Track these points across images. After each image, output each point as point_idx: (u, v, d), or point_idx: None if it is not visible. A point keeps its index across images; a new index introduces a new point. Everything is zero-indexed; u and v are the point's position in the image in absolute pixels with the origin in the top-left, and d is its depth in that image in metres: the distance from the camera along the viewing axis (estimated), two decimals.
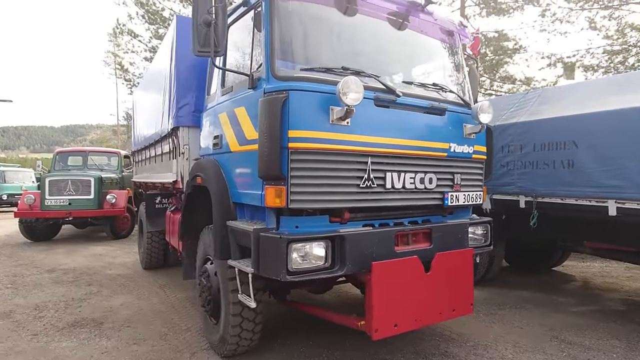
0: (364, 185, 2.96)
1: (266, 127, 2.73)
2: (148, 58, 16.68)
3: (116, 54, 53.49)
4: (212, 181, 3.45)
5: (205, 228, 3.89)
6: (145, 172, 7.12)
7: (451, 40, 3.89)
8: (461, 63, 3.92)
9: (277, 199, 2.74)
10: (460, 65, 3.91)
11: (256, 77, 3.00)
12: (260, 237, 2.78)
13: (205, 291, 3.76)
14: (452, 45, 3.90)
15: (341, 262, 2.82)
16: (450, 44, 3.88)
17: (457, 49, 3.93)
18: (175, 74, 4.60)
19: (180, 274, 6.77)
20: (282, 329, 4.28)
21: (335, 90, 2.69)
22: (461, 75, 3.89)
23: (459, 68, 3.90)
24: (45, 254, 8.81)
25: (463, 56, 3.98)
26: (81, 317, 4.81)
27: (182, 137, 4.55)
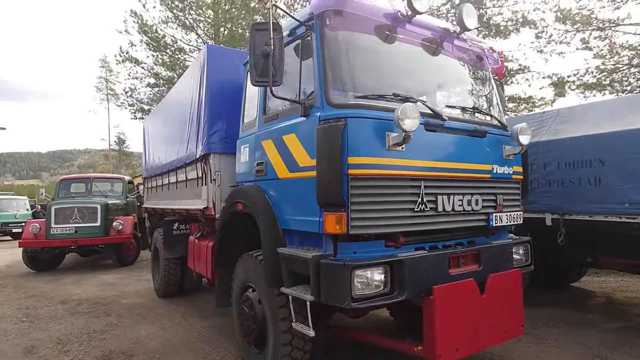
0: (417, 209, 2.98)
1: (325, 154, 2.76)
2: (151, 84, 16.81)
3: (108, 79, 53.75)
4: (259, 208, 3.44)
5: (245, 255, 3.86)
6: (162, 198, 7.06)
7: (483, 64, 4.01)
8: (493, 86, 4.03)
9: (337, 225, 2.74)
10: (492, 88, 4.02)
11: (308, 104, 3.05)
12: (321, 264, 2.77)
13: (247, 320, 3.69)
14: (484, 69, 4.01)
15: (400, 287, 2.82)
16: (482, 68, 4.00)
17: (488, 73, 4.04)
18: (206, 101, 4.64)
19: (199, 301, 6.73)
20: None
21: (393, 117, 2.75)
22: (494, 97, 3.99)
23: (491, 91, 4.00)
24: (53, 284, 8.59)
25: (494, 79, 4.09)
26: (108, 350, 4.67)
27: (214, 164, 4.55)
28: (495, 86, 4.08)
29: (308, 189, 2.97)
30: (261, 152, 3.62)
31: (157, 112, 7.88)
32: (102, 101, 51.13)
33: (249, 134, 3.92)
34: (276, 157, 3.38)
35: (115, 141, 52.18)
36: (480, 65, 3.99)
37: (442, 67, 3.71)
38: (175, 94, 6.16)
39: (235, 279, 4.08)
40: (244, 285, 3.89)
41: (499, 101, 4.04)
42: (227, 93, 4.67)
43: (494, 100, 3.99)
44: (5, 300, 7.22)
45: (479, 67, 3.98)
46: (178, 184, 5.98)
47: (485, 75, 4.00)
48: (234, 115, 4.64)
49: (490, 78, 4.05)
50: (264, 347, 3.59)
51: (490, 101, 3.96)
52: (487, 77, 4.01)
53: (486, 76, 4.01)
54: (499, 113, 3.92)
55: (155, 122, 7.74)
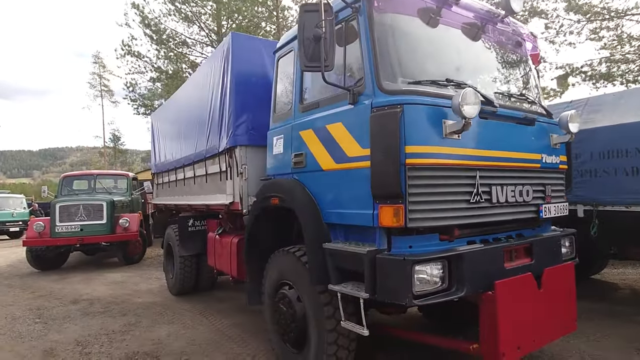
0: (473, 201, 2.85)
1: (381, 143, 2.61)
2: (154, 78, 16.45)
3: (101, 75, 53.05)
4: (301, 202, 3.28)
5: (280, 251, 3.70)
6: (176, 194, 6.86)
7: (522, 49, 3.86)
8: (533, 72, 3.89)
9: (395, 218, 2.59)
10: (533, 74, 3.88)
11: (356, 91, 2.88)
12: (377, 260, 2.62)
13: (285, 318, 3.54)
14: (523, 54, 3.87)
15: (458, 282, 2.68)
16: (522, 53, 3.85)
17: (528, 58, 3.90)
18: (231, 92, 4.45)
19: (215, 299, 6.56)
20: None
21: (450, 103, 2.60)
22: (535, 85, 3.85)
23: (532, 78, 3.86)
24: (61, 283, 8.37)
25: (533, 66, 3.95)
26: (131, 351, 4.50)
27: (240, 157, 4.38)
28: (536, 73, 3.94)
29: (359, 180, 2.83)
30: (299, 143, 3.45)
31: (168, 106, 7.64)
32: (96, 97, 50.54)
33: (283, 124, 3.74)
34: (319, 148, 3.21)
35: (110, 138, 51.56)
36: (520, 51, 3.85)
37: (485, 52, 3.56)
38: (192, 87, 5.95)
39: (267, 276, 3.92)
40: (279, 282, 3.73)
41: (539, 88, 3.91)
42: (253, 83, 4.49)
43: (535, 87, 3.85)
44: (14, 301, 7.00)
45: (519, 53, 3.84)
46: (196, 179, 5.79)
47: (526, 61, 3.86)
48: (260, 106, 4.47)
49: (530, 64, 3.91)
50: (303, 347, 3.44)
51: (532, 88, 3.82)
52: (527, 63, 3.87)
53: (526, 62, 3.87)
54: (540, 100, 3.78)
55: (166, 117, 7.51)
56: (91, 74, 50.67)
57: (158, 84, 16.20)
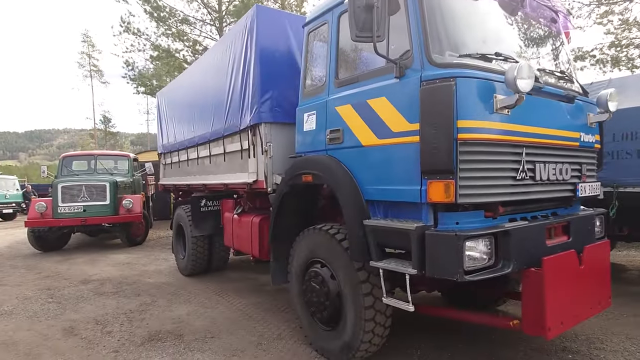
0: (519, 178, 2.82)
1: (433, 117, 2.56)
2: (154, 57, 15.97)
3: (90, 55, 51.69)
4: (339, 179, 3.22)
5: (311, 229, 3.66)
6: (187, 174, 6.75)
7: (557, 26, 3.80)
8: (567, 50, 3.84)
9: (445, 193, 2.56)
10: (567, 52, 3.83)
11: (402, 65, 2.81)
12: (426, 235, 2.60)
13: (318, 297, 3.52)
14: (558, 31, 3.81)
15: (505, 258, 2.68)
16: (557, 30, 3.79)
17: (563, 36, 3.84)
18: (255, 67, 4.33)
19: (227, 279, 6.55)
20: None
21: (505, 77, 2.55)
22: (569, 62, 3.81)
23: (567, 55, 3.82)
24: (65, 264, 8.27)
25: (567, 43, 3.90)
26: (153, 330, 4.47)
27: (265, 134, 4.28)
28: (568, 50, 3.89)
29: (405, 156, 2.78)
30: (336, 119, 3.38)
31: (178, 84, 7.44)
32: (86, 78, 49.39)
33: (316, 100, 3.66)
34: (358, 124, 3.14)
35: (101, 120, 50.62)
36: (555, 27, 3.78)
37: (522, 27, 3.49)
38: (207, 64, 5.78)
39: (295, 255, 3.89)
40: (309, 260, 3.70)
41: (573, 66, 3.86)
42: (277, 59, 4.37)
43: (569, 64, 3.80)
44: (22, 281, 6.90)
45: (554, 29, 3.77)
46: (212, 158, 5.69)
47: (561, 39, 3.80)
48: (285, 82, 4.38)
49: (565, 41, 3.85)
50: (336, 325, 3.44)
51: (567, 66, 3.77)
52: (562, 40, 3.81)
53: (561, 39, 3.81)
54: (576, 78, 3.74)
55: (176, 95, 7.33)
56: (80, 54, 49.43)
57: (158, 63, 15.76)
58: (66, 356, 3.88)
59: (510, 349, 3.65)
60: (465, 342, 3.86)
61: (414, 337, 3.93)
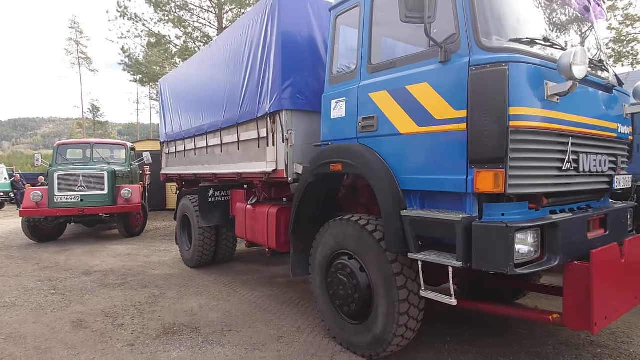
0: (565, 168, 2.74)
1: (484, 104, 2.46)
2: (153, 44, 15.50)
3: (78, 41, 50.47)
4: (375, 168, 3.10)
5: (338, 220, 3.55)
6: (195, 163, 6.56)
7: (590, 15, 3.71)
8: (601, 40, 3.76)
9: (494, 183, 2.46)
10: (600, 41, 3.75)
11: (448, 49, 2.69)
12: (473, 227, 2.50)
13: (346, 289, 3.42)
14: (591, 20, 3.72)
15: (552, 251, 2.61)
16: (590, 19, 3.71)
17: (597, 25, 3.76)
18: (276, 52, 4.16)
19: (234, 272, 6.41)
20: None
21: (559, 63, 2.45)
22: (603, 51, 3.73)
23: (602, 44, 3.74)
24: (64, 255, 8.04)
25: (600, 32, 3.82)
26: (167, 322, 4.33)
27: (286, 122, 4.14)
28: (602, 39, 3.82)
29: (449, 144, 2.68)
30: (369, 106, 3.25)
31: (185, 70, 7.21)
32: (73, 65, 48.26)
33: (346, 86, 3.52)
34: (396, 111, 3.02)
35: (89, 109, 49.63)
36: (588, 17, 3.69)
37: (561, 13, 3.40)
38: (219, 49, 5.57)
39: (319, 246, 3.78)
40: (335, 252, 3.59)
41: (606, 56, 3.79)
42: (299, 44, 4.21)
43: (603, 54, 3.73)
44: (20, 272, 6.67)
45: (587, 18, 3.69)
46: (223, 146, 5.52)
47: (595, 28, 3.72)
48: (307, 69, 4.25)
49: (599, 30, 3.77)
50: (365, 318, 3.34)
51: (602, 55, 3.70)
52: (596, 29, 3.73)
53: (595, 29, 3.73)
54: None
55: (181, 81, 7.10)
56: (67, 40, 48.22)
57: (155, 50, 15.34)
58: (79, 350, 3.72)
59: (539, 344, 3.61)
60: (492, 335, 3.81)
61: (441, 330, 3.86)
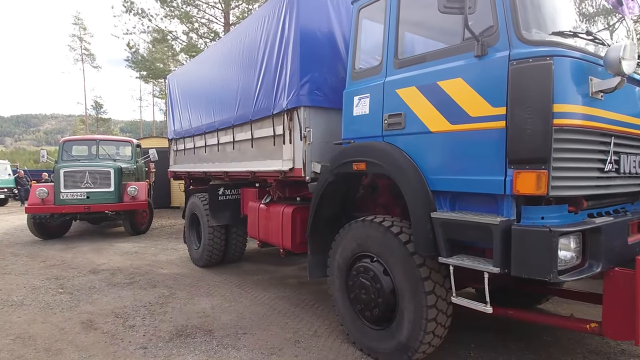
0: (607, 169, 2.60)
1: (527, 100, 2.31)
2: (159, 39, 15.33)
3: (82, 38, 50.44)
4: (402, 168, 2.96)
5: (360, 221, 3.41)
6: (205, 161, 6.42)
7: (623, 10, 3.55)
8: (634, 35, 3.61)
9: (536, 185, 2.32)
10: (634, 37, 3.60)
11: (485, 42, 2.54)
12: (513, 231, 2.36)
13: (368, 293, 3.28)
14: (624, 15, 3.57)
15: (593, 257, 2.46)
16: (623, 14, 3.55)
17: (630, 20, 3.61)
18: (294, 47, 4.02)
19: (244, 272, 6.29)
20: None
21: (606, 57, 2.31)
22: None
23: (636, 40, 3.59)
24: (70, 252, 7.93)
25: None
26: (179, 324, 4.20)
27: (304, 119, 4.00)
28: (635, 35, 3.67)
29: (485, 142, 2.54)
30: (396, 103, 3.10)
31: (194, 66, 7.08)
32: (77, 62, 48.23)
33: (370, 82, 3.37)
34: (425, 108, 2.88)
35: (92, 105, 49.61)
36: (621, 11, 3.54)
37: (595, 8, 3.25)
38: (233, 42, 5.42)
39: (338, 248, 3.64)
40: (356, 254, 3.46)
41: None
42: (318, 39, 4.07)
43: None
44: (26, 270, 6.56)
45: (619, 13, 3.53)
46: (235, 144, 5.38)
47: (628, 23, 3.57)
48: (326, 65, 4.12)
49: (632, 26, 3.62)
50: (388, 324, 3.21)
51: None
52: (628, 25, 3.58)
53: (628, 24, 3.57)
54: None
55: (191, 78, 6.96)
56: (71, 36, 48.18)
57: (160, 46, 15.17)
58: (90, 352, 3.60)
59: (568, 352, 3.47)
60: (516, 341, 3.69)
61: (464, 336, 3.73)
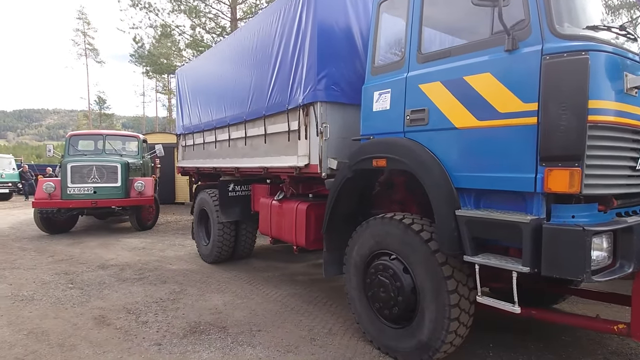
0: (638, 168, 2.54)
1: (561, 95, 2.26)
2: (166, 34, 15.25)
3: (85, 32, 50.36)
4: (426, 164, 2.91)
5: (380, 218, 3.37)
6: (215, 156, 6.37)
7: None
8: None
9: (569, 183, 2.27)
10: None
11: (516, 36, 2.48)
12: (544, 230, 2.31)
13: (387, 292, 3.24)
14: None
15: (624, 257, 2.42)
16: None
17: None
18: (311, 41, 3.96)
19: (253, 268, 6.25)
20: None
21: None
22: None
23: None
24: (77, 247, 7.90)
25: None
26: (192, 321, 4.17)
27: (320, 114, 3.94)
28: None
29: (515, 139, 2.49)
30: (419, 98, 3.05)
31: (205, 60, 7.01)
32: (80, 56, 48.18)
33: (391, 77, 3.31)
34: (451, 103, 2.82)
35: (96, 100, 49.60)
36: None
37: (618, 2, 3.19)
38: (246, 37, 5.35)
39: (355, 245, 3.60)
40: (374, 252, 3.41)
41: None
42: (336, 33, 4.01)
43: None
44: (35, 264, 6.53)
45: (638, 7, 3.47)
46: (247, 140, 5.33)
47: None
48: (343, 58, 4.06)
49: None
50: (408, 322, 3.17)
51: None
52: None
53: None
54: None
55: (201, 72, 6.91)
56: (74, 31, 48.12)
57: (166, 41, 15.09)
58: (104, 348, 3.56)
59: (588, 353, 3.42)
60: (534, 341, 3.64)
61: (482, 335, 3.68)
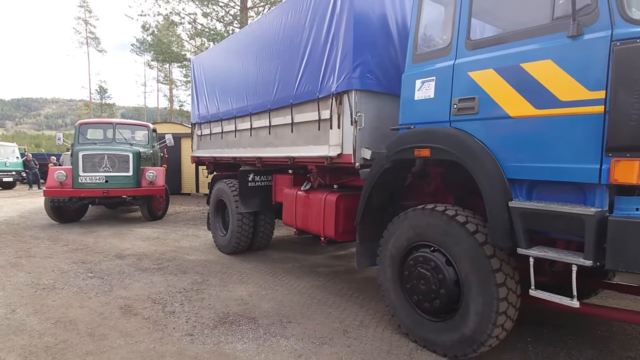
0: None
1: (634, 84, 2.17)
2: (177, 23, 15.05)
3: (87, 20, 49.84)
4: (476, 154, 2.83)
5: (419, 209, 3.30)
6: (234, 146, 6.28)
7: None
8: None
9: (638, 174, 2.20)
10: None
11: (581, 22, 2.39)
12: (611, 222, 2.24)
13: (429, 284, 3.17)
14: None
15: None
16: None
17: None
18: (347, 26, 3.86)
19: (272, 260, 6.19)
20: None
21: None
22: None
23: None
24: (90, 237, 7.83)
25: None
26: (220, 311, 4.11)
27: (355, 103, 3.85)
28: None
29: (578, 128, 2.40)
30: (468, 86, 2.96)
31: (223, 48, 6.87)
32: (81, 45, 47.77)
33: (435, 64, 3.21)
34: (505, 91, 2.73)
35: (97, 90, 49.30)
36: None
37: None
38: (272, 24, 5.22)
39: (391, 237, 3.53)
40: (413, 244, 3.34)
41: None
42: (372, 19, 3.91)
43: None
44: (50, 253, 6.46)
45: None
46: (272, 129, 5.23)
47: None
48: (379, 46, 3.97)
49: None
50: (450, 315, 3.11)
51: None
52: None
53: None
54: None
55: (219, 60, 6.78)
56: (76, 19, 47.66)
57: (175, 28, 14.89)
58: (136, 338, 3.50)
59: (628, 347, 3.38)
60: (571, 335, 3.60)
61: (520, 330, 3.62)
